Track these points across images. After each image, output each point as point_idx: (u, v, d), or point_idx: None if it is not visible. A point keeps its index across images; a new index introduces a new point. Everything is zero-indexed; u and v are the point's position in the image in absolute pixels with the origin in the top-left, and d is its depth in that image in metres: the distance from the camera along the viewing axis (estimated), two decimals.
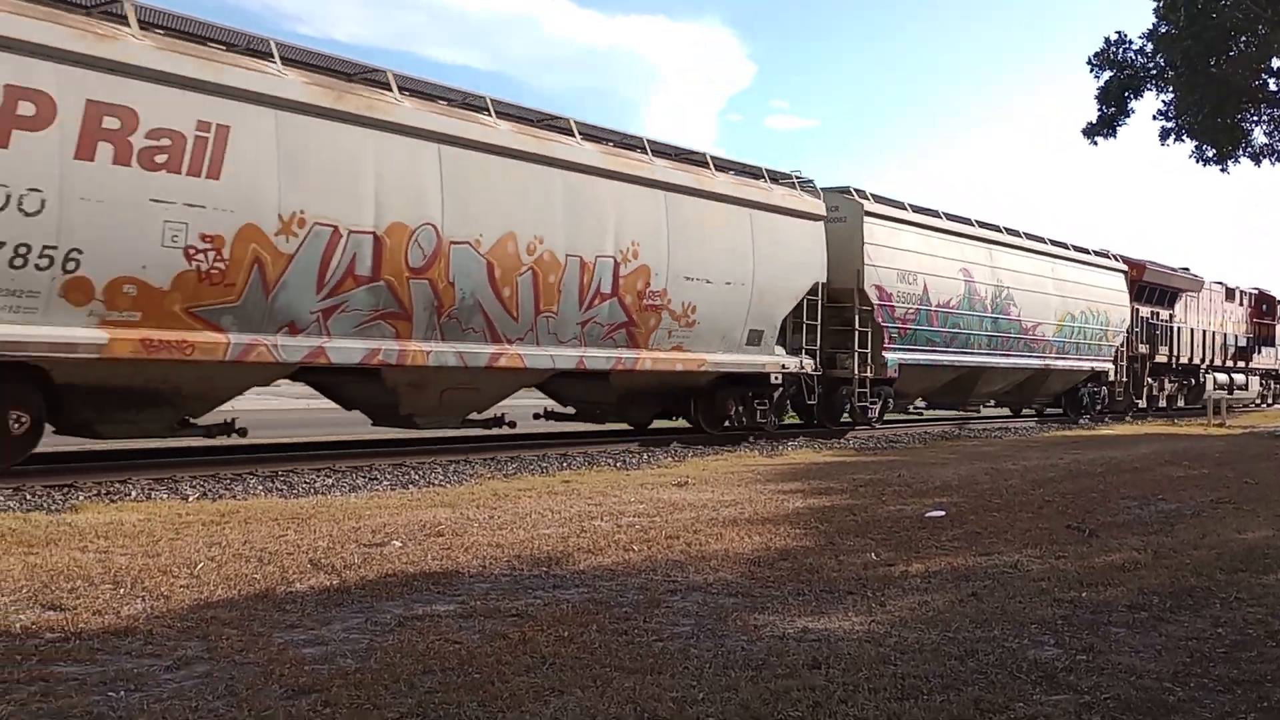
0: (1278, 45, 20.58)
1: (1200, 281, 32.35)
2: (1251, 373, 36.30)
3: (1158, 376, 29.85)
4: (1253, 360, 36.16)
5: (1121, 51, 22.03)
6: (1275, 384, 40.24)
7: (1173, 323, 30.34)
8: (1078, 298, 24.34)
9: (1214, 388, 31.47)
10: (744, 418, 15.94)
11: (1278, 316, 38.25)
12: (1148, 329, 28.88)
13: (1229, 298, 34.88)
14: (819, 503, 9.17)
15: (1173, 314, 30.40)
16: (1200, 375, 32.12)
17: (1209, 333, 32.58)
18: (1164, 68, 21.62)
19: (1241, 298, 36.05)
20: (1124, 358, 27.30)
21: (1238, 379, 34.69)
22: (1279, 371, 39.83)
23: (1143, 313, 28.58)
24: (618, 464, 12.93)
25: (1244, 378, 35.43)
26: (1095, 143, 22.44)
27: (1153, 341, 29.13)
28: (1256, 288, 37.70)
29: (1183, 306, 31.02)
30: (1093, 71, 22.37)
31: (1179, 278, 30.94)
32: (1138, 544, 7.22)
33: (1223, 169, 22.86)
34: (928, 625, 4.88)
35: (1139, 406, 28.92)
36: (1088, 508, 9.05)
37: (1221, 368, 33.48)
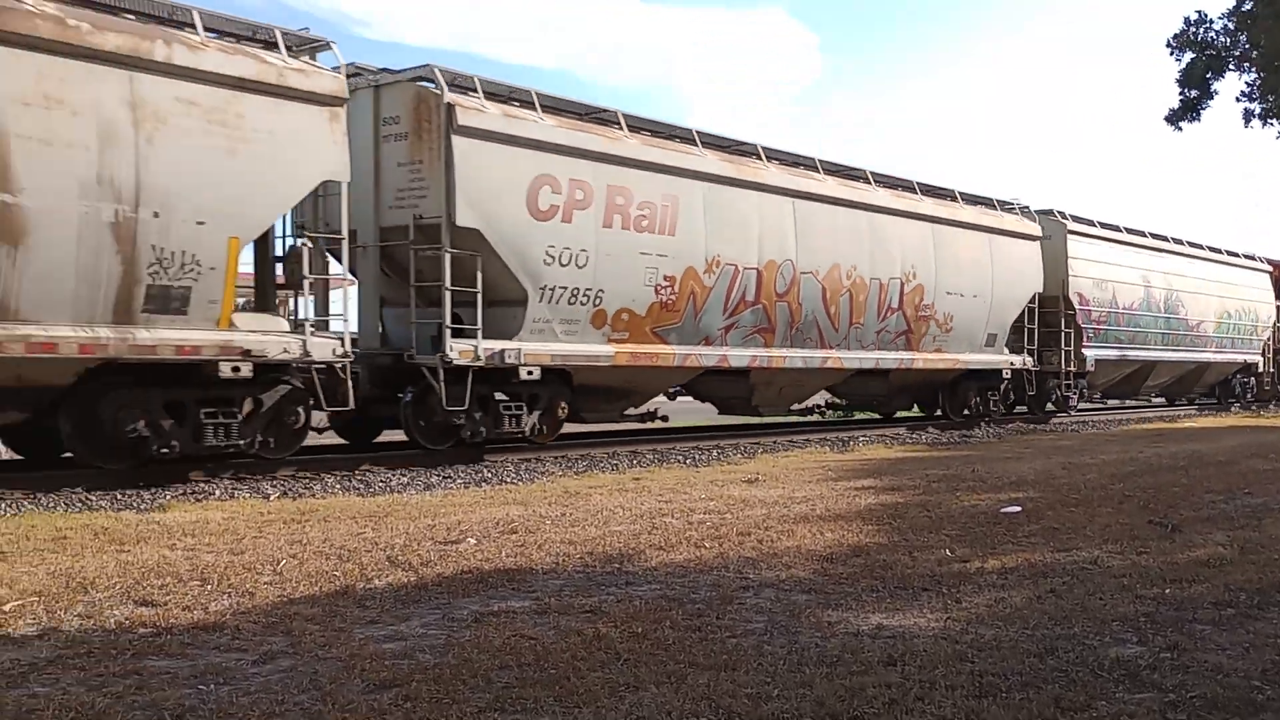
0: None
1: None
2: None
3: None
4: None
5: (1202, 32, 21.40)
6: None
7: None
8: (1232, 297, 27.68)
9: None
10: (980, 406, 19.50)
11: None
12: None
13: None
14: (891, 499, 9.09)
15: None
16: None
17: None
18: (1247, 48, 20.96)
19: None
20: (1270, 350, 30.22)
21: None
22: None
23: None
24: (687, 461, 12.96)
25: None
26: (1180, 128, 21.87)
27: None
28: None
29: None
30: (1173, 54, 21.80)
31: None
32: (1223, 539, 7.03)
33: None
34: (1005, 622, 4.81)
35: None
36: (1170, 502, 8.83)
37: None
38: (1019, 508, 8.42)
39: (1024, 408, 21.26)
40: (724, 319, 14.27)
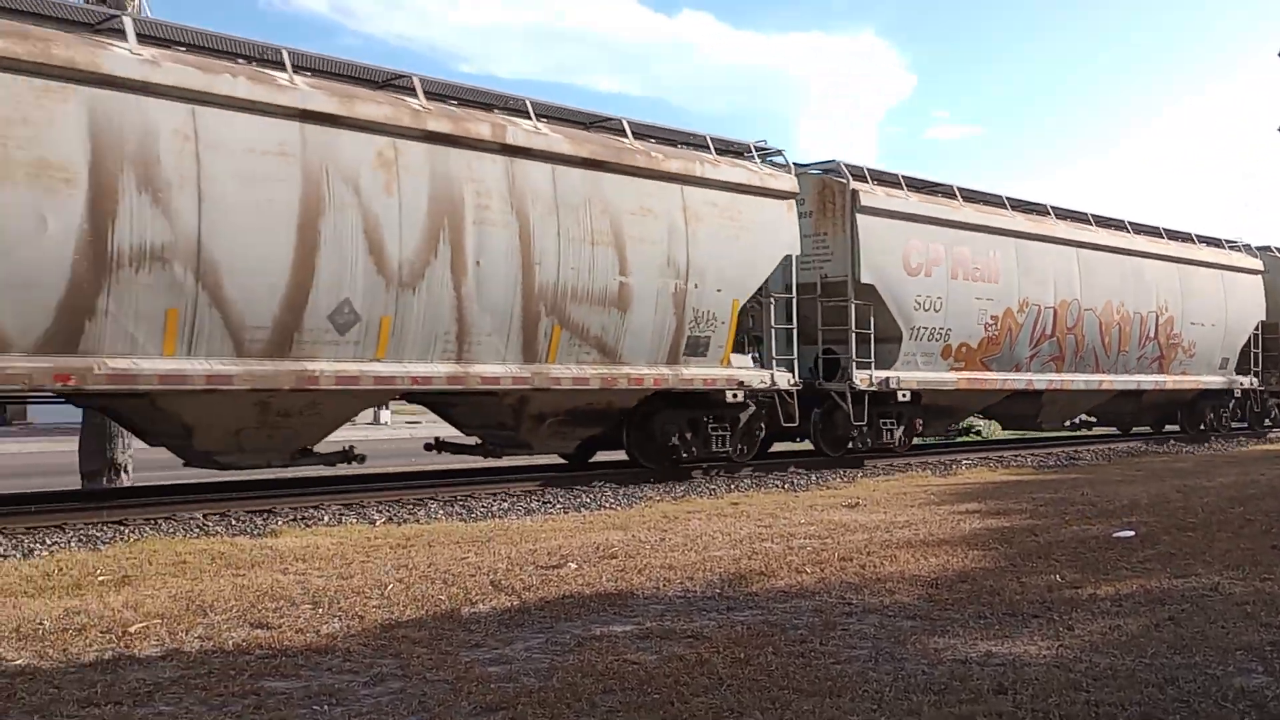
0: None
1: None
2: None
3: None
4: None
5: None
6: None
7: None
8: None
9: None
10: (1214, 422, 21.88)
11: None
12: None
13: None
14: (997, 523, 8.88)
15: None
16: None
17: None
18: None
19: None
20: None
21: None
22: None
23: None
24: (785, 486, 12.86)
25: None
26: None
27: None
28: None
29: None
30: None
31: None
32: None
33: None
34: (1121, 650, 4.66)
35: None
36: None
37: None
38: (1132, 532, 8.14)
39: (1243, 424, 23.43)
40: (1030, 349, 17.10)
